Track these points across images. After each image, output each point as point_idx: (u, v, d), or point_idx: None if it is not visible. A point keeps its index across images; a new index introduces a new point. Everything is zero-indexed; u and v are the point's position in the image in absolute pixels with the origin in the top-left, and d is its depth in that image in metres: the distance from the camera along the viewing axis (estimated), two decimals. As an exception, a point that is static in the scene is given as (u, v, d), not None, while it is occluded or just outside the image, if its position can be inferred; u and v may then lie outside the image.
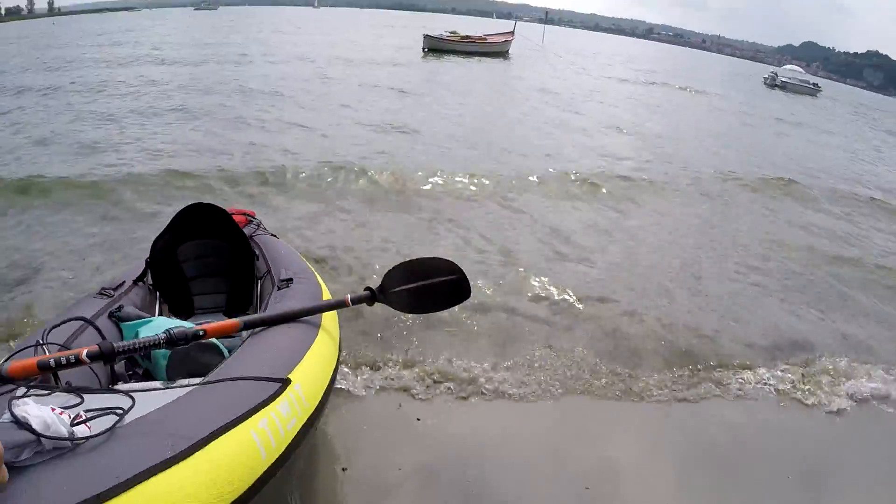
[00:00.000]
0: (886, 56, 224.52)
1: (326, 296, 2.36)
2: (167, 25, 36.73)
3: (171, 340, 1.67)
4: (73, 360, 1.48)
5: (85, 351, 1.50)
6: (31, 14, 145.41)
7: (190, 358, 1.87)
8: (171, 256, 2.59)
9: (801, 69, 45.17)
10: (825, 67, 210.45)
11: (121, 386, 1.71)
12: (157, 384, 1.71)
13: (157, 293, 2.58)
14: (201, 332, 1.74)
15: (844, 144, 13.07)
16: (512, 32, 26.91)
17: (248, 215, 3.32)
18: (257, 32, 32.04)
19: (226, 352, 1.91)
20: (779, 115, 17.36)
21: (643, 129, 10.27)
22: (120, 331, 2.07)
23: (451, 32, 26.78)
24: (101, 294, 2.28)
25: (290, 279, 2.39)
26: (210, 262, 2.65)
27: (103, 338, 1.77)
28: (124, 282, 2.44)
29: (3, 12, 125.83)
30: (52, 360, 1.45)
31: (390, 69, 16.54)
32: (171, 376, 1.85)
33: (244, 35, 28.55)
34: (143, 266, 2.57)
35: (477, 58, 23.15)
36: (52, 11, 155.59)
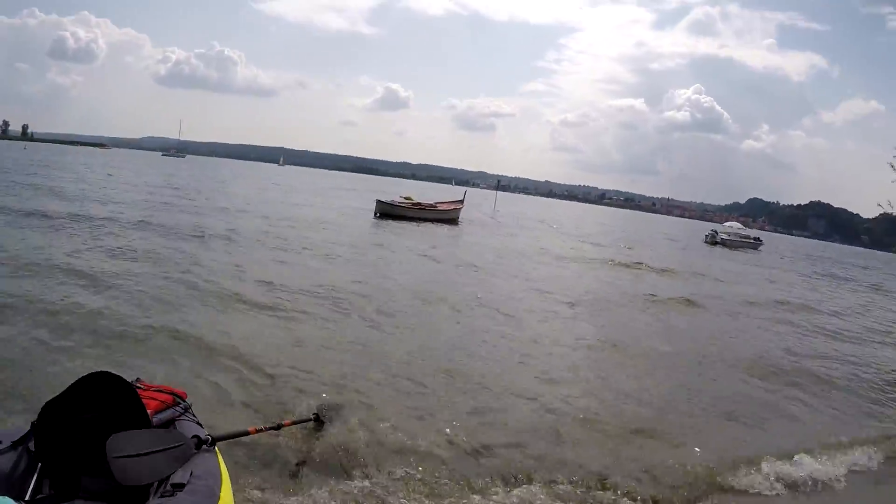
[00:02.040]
0: (828, 205, 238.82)
1: None
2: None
3: None
4: None
5: None
6: (6, 134, 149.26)
7: None
8: (62, 424, 2.28)
9: (740, 225, 47.54)
10: (771, 221, 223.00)
11: None
12: None
13: (39, 464, 2.24)
14: None
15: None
16: (461, 201, 28.25)
17: (178, 395, 3.02)
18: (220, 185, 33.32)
19: None
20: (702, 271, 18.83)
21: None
22: None
23: (405, 198, 27.92)
24: None
25: (182, 485, 2.05)
26: (105, 439, 2.26)
27: None
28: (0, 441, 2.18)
29: None
30: None
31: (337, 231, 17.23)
32: None
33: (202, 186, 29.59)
34: (28, 429, 2.28)
35: (426, 223, 24.17)
36: (25, 136, 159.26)
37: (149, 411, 2.56)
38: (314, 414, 4.04)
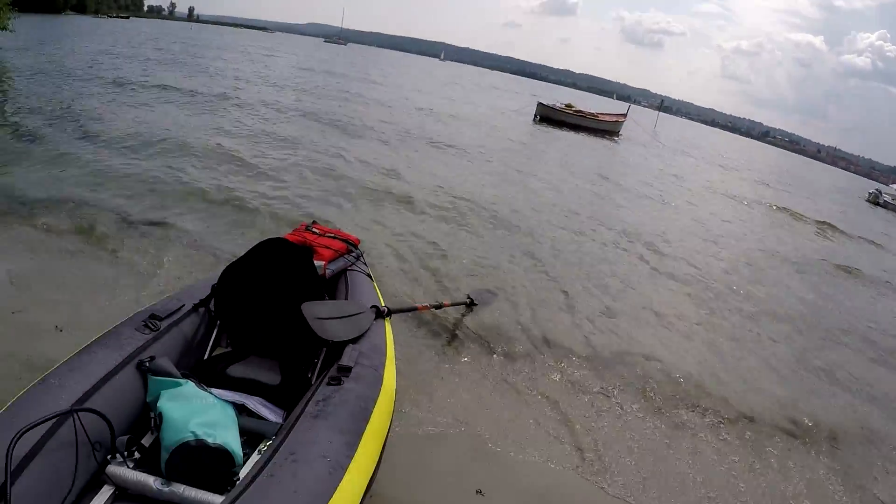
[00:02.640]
0: None
1: (385, 403, 2.03)
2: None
3: None
4: None
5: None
6: (171, 16, 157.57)
7: (196, 458, 1.68)
8: (240, 288, 2.46)
9: None
10: None
11: (112, 469, 1.66)
12: (150, 482, 1.64)
13: (218, 322, 2.47)
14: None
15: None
16: (625, 115, 27.34)
17: (351, 243, 3.22)
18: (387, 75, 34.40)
19: (239, 459, 1.74)
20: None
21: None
22: (145, 384, 1.94)
23: (566, 105, 27.45)
24: (148, 325, 2.13)
25: (349, 369, 2.08)
26: (280, 302, 2.48)
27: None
28: (182, 305, 2.34)
29: (145, 8, 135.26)
30: None
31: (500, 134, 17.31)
32: (170, 474, 1.68)
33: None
34: (209, 291, 2.48)
35: (585, 132, 23.74)
36: (191, 17, 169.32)
37: (322, 262, 2.85)
38: (468, 297, 4.30)
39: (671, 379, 3.94)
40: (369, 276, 3.12)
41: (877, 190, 37.86)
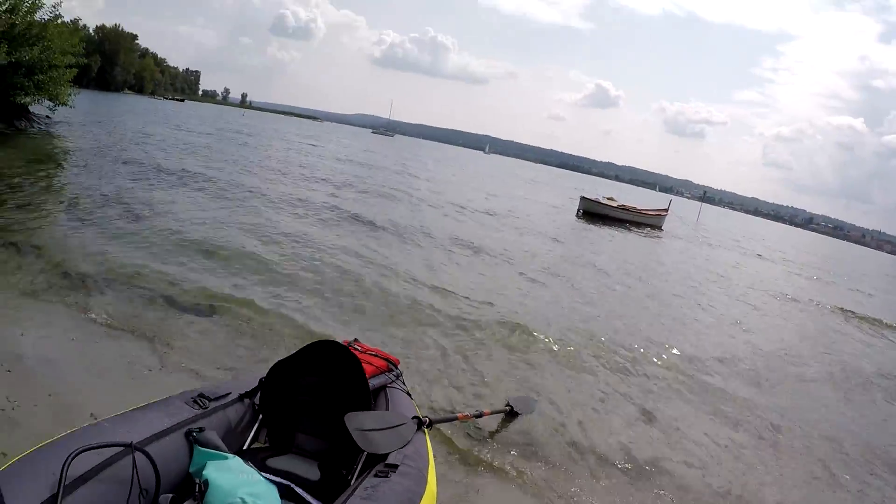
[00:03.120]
0: None
1: (429, 501, 2.05)
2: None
3: None
4: None
5: None
6: (225, 101, 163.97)
7: None
8: (287, 384, 2.52)
9: None
10: None
11: None
12: None
13: (260, 416, 2.51)
14: None
15: None
16: (667, 209, 27.71)
17: (391, 362, 3.22)
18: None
19: None
20: None
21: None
22: (191, 452, 1.98)
23: (608, 198, 27.99)
24: (197, 402, 2.20)
25: (395, 466, 2.12)
26: (325, 404, 2.52)
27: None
28: (229, 393, 2.39)
29: (200, 93, 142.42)
30: None
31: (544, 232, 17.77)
32: None
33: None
34: (256, 384, 2.53)
35: (629, 226, 24.18)
36: (243, 103, 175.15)
37: (367, 374, 2.78)
38: (507, 405, 4.31)
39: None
40: (408, 394, 3.13)
41: None
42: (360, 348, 3.27)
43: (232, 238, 8.28)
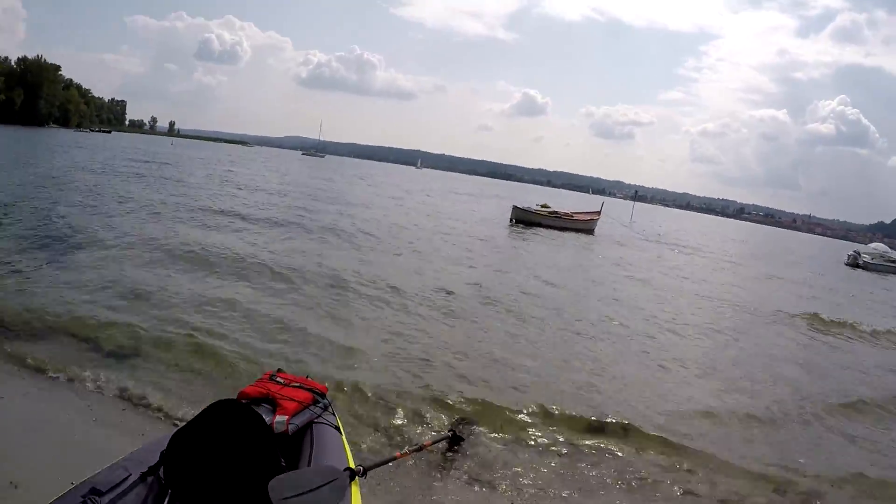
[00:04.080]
0: None
1: None
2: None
3: None
4: None
5: None
6: (153, 130, 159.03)
7: None
8: (192, 453, 2.32)
9: (886, 247, 41.19)
10: None
11: None
12: None
13: (169, 492, 2.25)
14: None
15: None
16: (599, 212, 27.93)
17: (318, 392, 3.01)
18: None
19: None
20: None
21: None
22: None
23: (541, 205, 28.10)
24: (86, 501, 1.91)
25: None
26: (235, 472, 2.30)
27: None
28: (128, 476, 2.16)
29: (127, 123, 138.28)
30: None
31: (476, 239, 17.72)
32: None
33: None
34: (157, 458, 2.30)
35: (561, 232, 24.20)
36: (171, 131, 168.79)
37: (286, 416, 2.67)
38: (450, 431, 4.10)
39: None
40: (338, 428, 2.90)
41: (855, 252, 37.66)
42: (282, 380, 3.00)
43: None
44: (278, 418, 2.65)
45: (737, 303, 12.63)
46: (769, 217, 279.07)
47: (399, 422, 4.47)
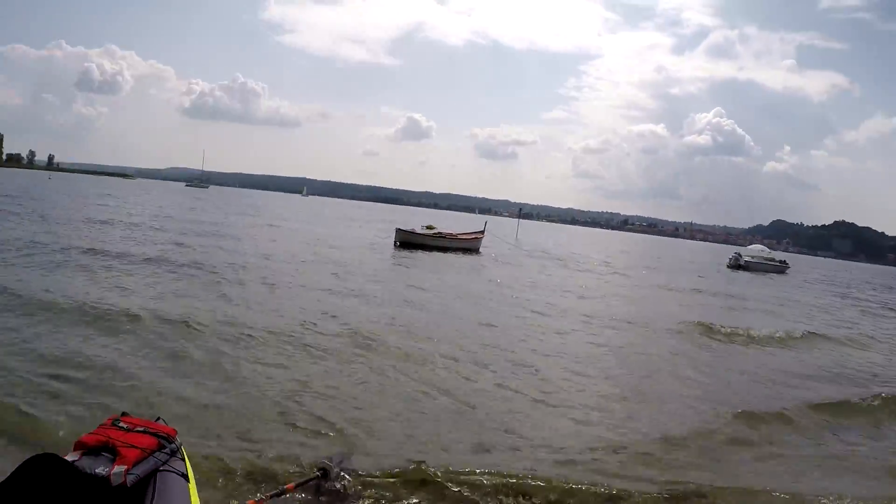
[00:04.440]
0: (853, 224, 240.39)
1: None
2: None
3: None
4: None
5: None
6: (32, 164, 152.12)
7: None
8: None
9: (764, 248, 45.79)
10: (796, 242, 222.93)
11: None
12: None
13: None
14: None
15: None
16: (482, 231, 28.20)
17: (166, 437, 2.69)
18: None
19: None
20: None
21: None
22: None
23: (427, 227, 28.11)
24: None
25: None
26: None
27: None
28: None
29: (4, 157, 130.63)
30: None
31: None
32: None
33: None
34: None
35: (446, 253, 24.14)
36: (50, 165, 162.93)
37: (125, 466, 2.34)
38: (320, 469, 3.75)
39: None
40: (185, 476, 2.54)
41: (736, 254, 41.09)
42: (125, 425, 2.64)
43: None
44: (116, 469, 2.30)
45: (624, 318, 12.45)
46: (652, 227, 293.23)
47: (263, 464, 4.00)
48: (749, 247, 47.89)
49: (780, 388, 7.81)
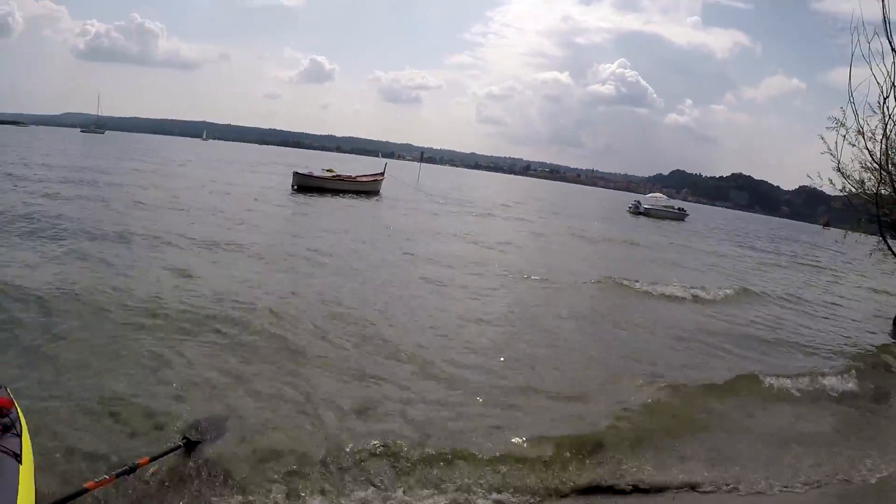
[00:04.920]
0: (749, 177, 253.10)
1: None
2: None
3: None
4: None
5: None
6: None
7: None
8: None
9: (663, 196, 47.86)
10: (694, 192, 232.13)
11: None
12: None
13: None
14: None
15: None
16: (382, 173, 28.03)
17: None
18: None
19: None
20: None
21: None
22: None
23: (327, 170, 27.79)
24: None
25: None
26: None
27: None
28: None
29: None
30: None
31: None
32: None
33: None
34: None
35: (345, 196, 23.92)
36: None
37: None
38: (183, 439, 3.39)
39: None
40: (17, 456, 2.29)
41: (636, 202, 42.40)
42: None
43: None
44: None
45: (527, 271, 11.54)
46: (554, 172, 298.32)
47: (116, 438, 3.55)
48: (649, 195, 49.05)
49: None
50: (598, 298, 9.89)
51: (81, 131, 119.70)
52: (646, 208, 40.59)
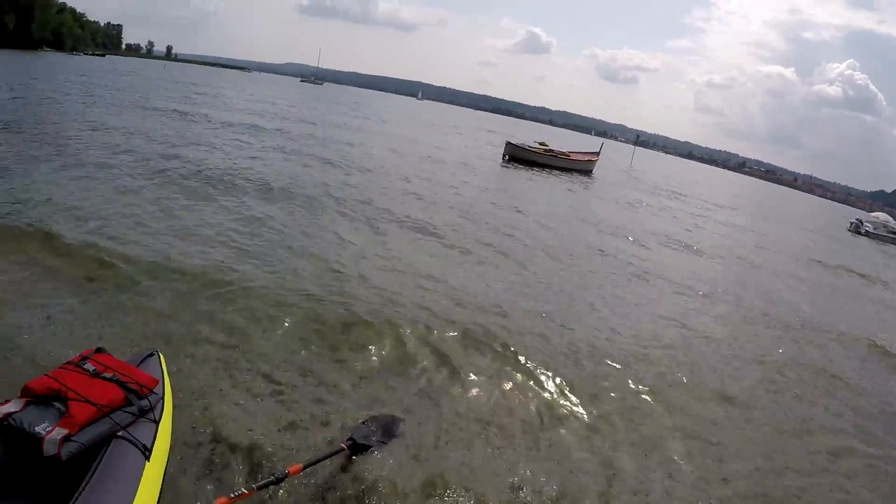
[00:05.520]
0: None
1: None
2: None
3: None
4: None
5: None
6: (150, 55, 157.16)
7: None
8: None
9: (889, 218, 40.69)
10: None
11: None
12: None
13: None
14: None
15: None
16: (597, 153, 26.54)
17: (137, 391, 2.13)
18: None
19: None
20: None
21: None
22: None
23: (539, 143, 26.77)
24: None
25: None
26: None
27: None
28: None
29: (123, 47, 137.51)
30: None
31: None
32: None
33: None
34: None
35: (556, 172, 22.64)
36: (169, 56, 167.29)
37: (65, 431, 1.84)
38: (348, 440, 2.91)
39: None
40: (145, 449, 1.97)
41: (857, 220, 37.47)
42: (92, 367, 2.12)
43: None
44: (52, 434, 1.81)
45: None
46: (770, 173, 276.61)
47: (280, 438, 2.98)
48: (872, 214, 42.86)
49: None
50: (866, 376, 6.16)
51: (301, 81, 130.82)
52: (866, 230, 34.41)
